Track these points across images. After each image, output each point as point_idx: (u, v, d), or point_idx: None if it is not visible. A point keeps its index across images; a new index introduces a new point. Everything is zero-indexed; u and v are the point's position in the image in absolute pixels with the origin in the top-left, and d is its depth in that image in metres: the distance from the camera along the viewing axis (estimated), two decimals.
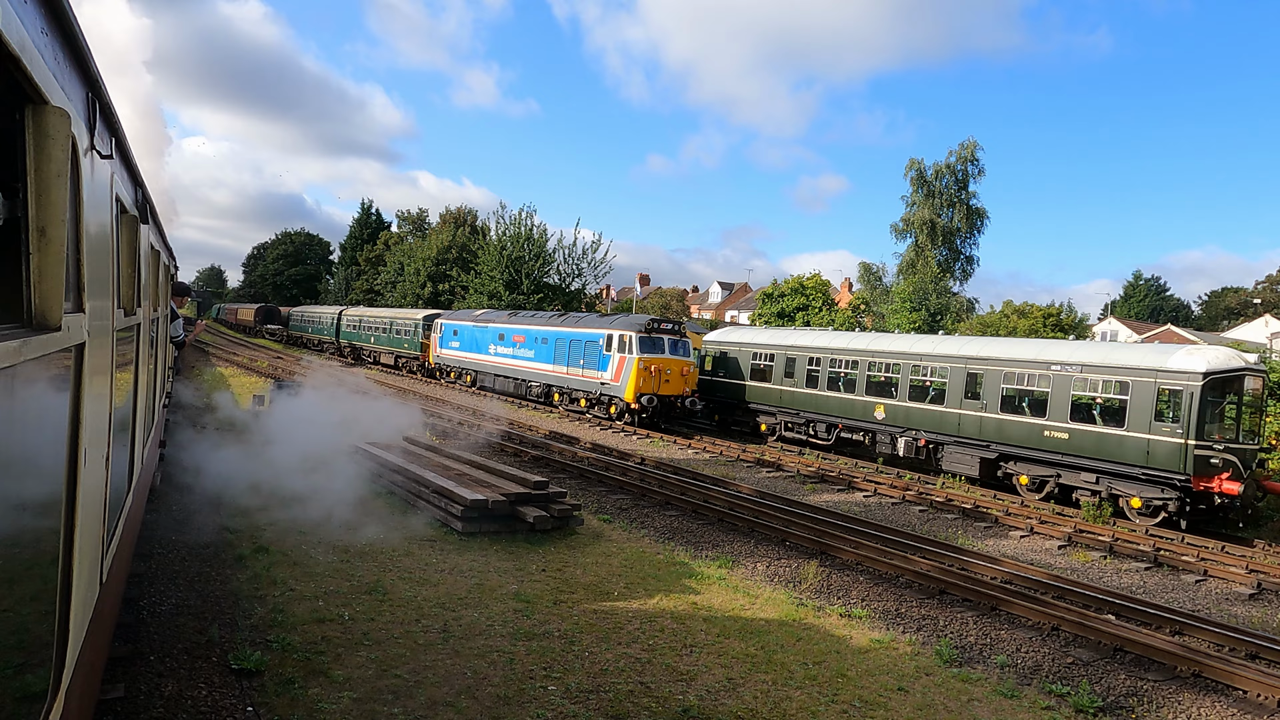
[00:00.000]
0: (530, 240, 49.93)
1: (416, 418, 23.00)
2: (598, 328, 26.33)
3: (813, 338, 23.18)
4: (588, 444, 21.01)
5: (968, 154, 37.64)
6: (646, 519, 13.43)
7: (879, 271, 38.46)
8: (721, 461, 20.47)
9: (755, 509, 13.93)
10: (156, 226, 7.47)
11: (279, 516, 11.14)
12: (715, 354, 26.58)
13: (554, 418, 27.30)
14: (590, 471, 16.59)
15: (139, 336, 5.59)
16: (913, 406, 19.62)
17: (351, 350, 50.12)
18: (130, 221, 4.54)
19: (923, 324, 31.34)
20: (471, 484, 12.12)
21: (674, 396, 24.83)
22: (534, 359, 29.59)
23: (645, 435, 23.96)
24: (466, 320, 35.14)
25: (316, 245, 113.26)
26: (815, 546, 11.96)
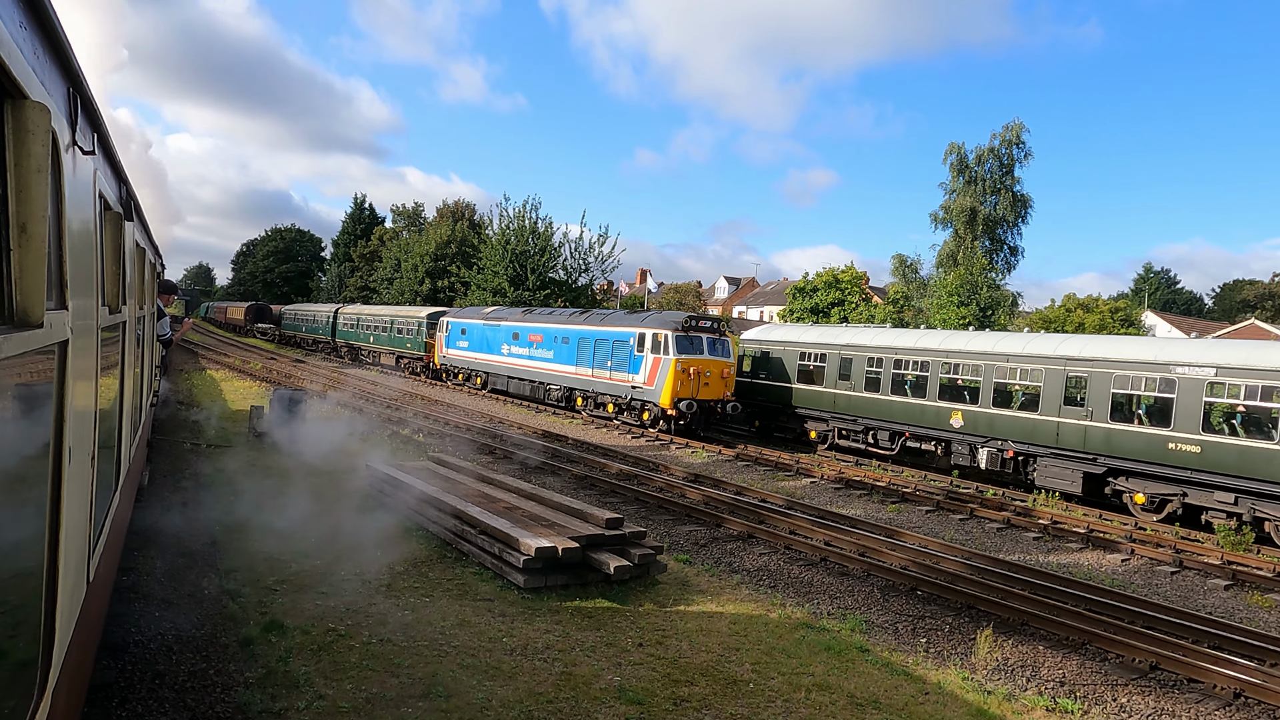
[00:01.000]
0: (535, 234, 47.58)
1: (430, 426, 20.67)
2: (628, 326, 24.02)
3: (872, 336, 20.95)
4: (628, 457, 18.71)
5: (1012, 137, 35.38)
6: (732, 558, 11.15)
7: (915, 264, 36.36)
8: (781, 476, 18.21)
9: (857, 544, 11.68)
10: (141, 223, 7.29)
11: (292, 570, 8.82)
12: (755, 354, 24.31)
13: (577, 424, 24.99)
14: (645, 494, 14.30)
15: (124, 334, 5.43)
16: (998, 413, 17.42)
17: (349, 350, 47.65)
18: (114, 218, 4.44)
19: (973, 320, 29.17)
20: (526, 521, 9.82)
21: (713, 401, 22.56)
22: (553, 360, 27.27)
23: (685, 445, 21.68)
24: (476, 318, 32.77)
25: (308, 241, 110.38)
26: (960, 601, 9.70)
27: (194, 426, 18.90)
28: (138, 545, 8.95)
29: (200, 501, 11.50)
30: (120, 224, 4.77)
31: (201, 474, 13.55)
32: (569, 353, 26.42)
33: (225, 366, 37.39)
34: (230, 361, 39.78)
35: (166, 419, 19.67)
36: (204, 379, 30.77)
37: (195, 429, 18.51)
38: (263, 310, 73.48)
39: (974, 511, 15.01)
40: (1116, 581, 11.46)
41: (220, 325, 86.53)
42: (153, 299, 10.69)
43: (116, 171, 4.65)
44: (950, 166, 36.18)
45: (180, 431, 18.18)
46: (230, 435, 17.91)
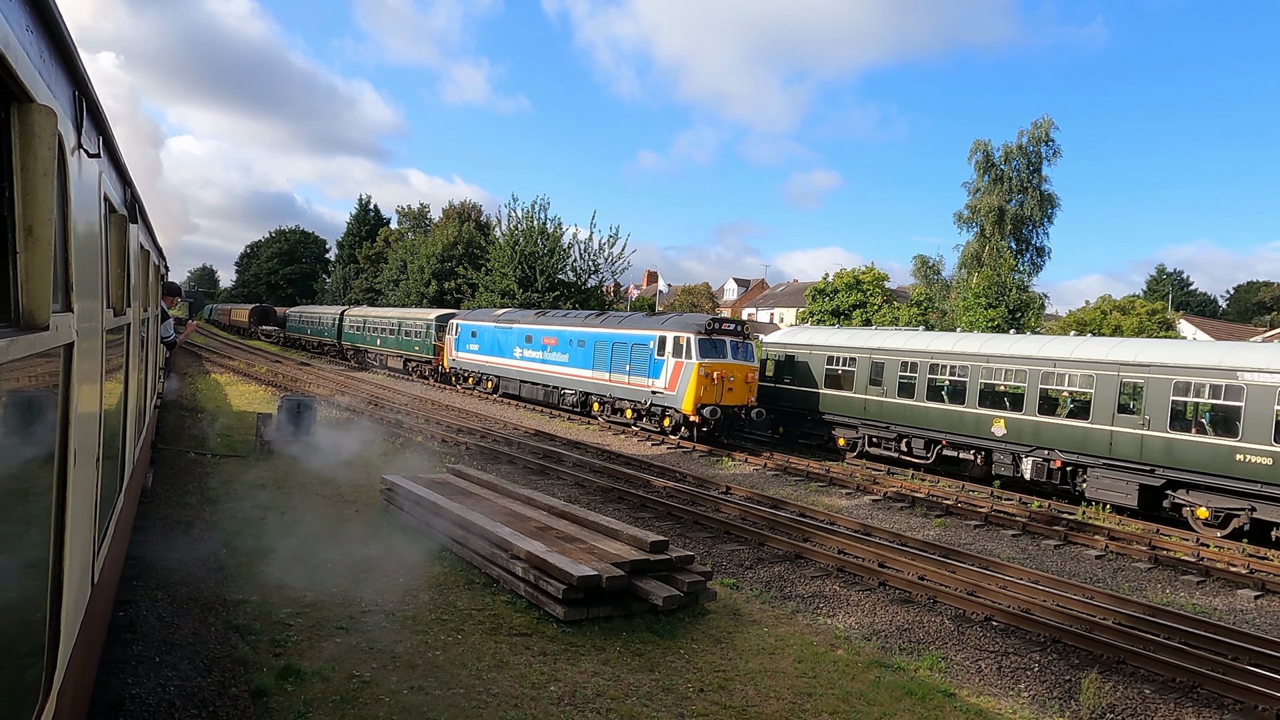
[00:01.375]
0: (544, 235, 46.79)
1: (442, 433, 19.81)
2: (647, 329, 23.16)
3: (906, 340, 20.06)
4: (653, 466, 17.83)
5: (1041, 134, 34.38)
6: (782, 582, 10.26)
7: (936, 265, 35.39)
8: (814, 487, 17.32)
9: (915, 567, 10.80)
10: (146, 226, 7.28)
11: (308, 601, 7.96)
12: (779, 358, 23.44)
13: (594, 430, 24.12)
14: (678, 509, 13.42)
15: (129, 336, 5.49)
16: (1044, 421, 16.52)
17: (355, 353, 46.84)
18: (119, 221, 4.48)
19: (1001, 322, 28.24)
20: (561, 544, 8.96)
21: (737, 407, 21.69)
22: (568, 364, 26.41)
23: (709, 453, 20.81)
24: (487, 320, 31.93)
25: (312, 243, 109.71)
26: (1044, 634, 8.80)
27: (198, 434, 18.07)
28: (137, 573, 8.10)
29: (205, 520, 10.65)
30: (125, 226, 4.77)
31: (206, 488, 12.71)
32: (585, 356, 25.56)
33: (230, 370, 36.60)
34: (235, 365, 39.00)
35: (170, 426, 18.86)
36: (208, 383, 29.98)
37: (200, 437, 17.68)
38: (267, 312, 72.72)
39: (1026, 527, 14.11)
40: (1200, 608, 10.56)
41: (224, 327, 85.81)
42: (157, 301, 10.60)
43: (121, 174, 4.67)
44: (976, 165, 35.20)
45: (184, 440, 17.35)
46: (236, 444, 17.07)
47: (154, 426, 11.72)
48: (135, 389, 6.43)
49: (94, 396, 3.28)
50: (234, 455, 15.67)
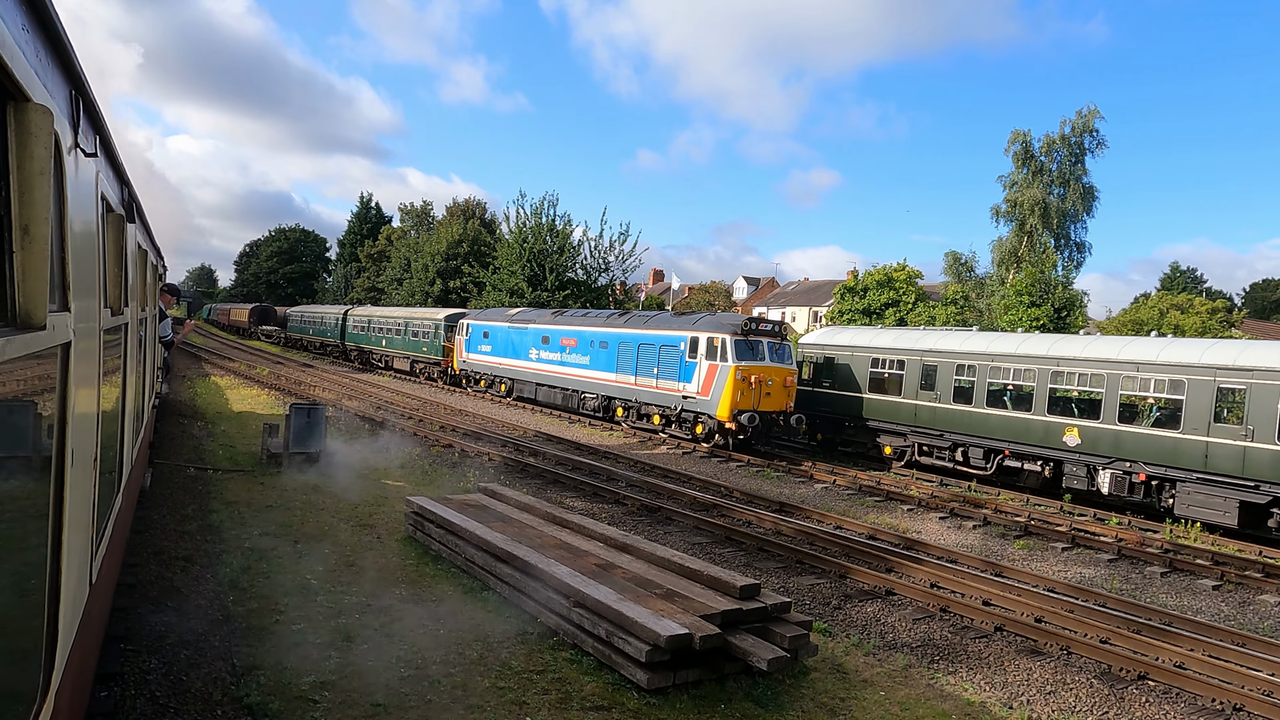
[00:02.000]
0: (554, 232, 45.35)
1: (460, 441, 18.33)
2: (677, 329, 21.71)
3: (962, 341, 18.61)
4: (693, 479, 16.39)
5: (1085, 124, 32.84)
6: (881, 626, 8.82)
7: (970, 261, 33.77)
8: (870, 501, 15.87)
9: (1031, 607, 9.37)
10: (144, 226, 7.28)
11: (332, 665, 6.51)
12: (817, 360, 22.00)
13: (618, 437, 22.68)
14: (736, 531, 11.98)
15: (127, 336, 5.44)
16: (1125, 431, 15.08)
17: (359, 354, 45.40)
18: (116, 220, 4.43)
19: (1047, 321, 26.79)
20: (632, 587, 7.53)
21: (775, 413, 20.25)
22: (589, 366, 24.96)
23: (747, 463, 19.37)
24: (500, 320, 30.48)
25: (312, 242, 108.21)
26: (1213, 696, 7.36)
27: (198, 445, 16.61)
28: (125, 631, 6.64)
29: (207, 554, 9.20)
30: (122, 226, 4.72)
31: (208, 511, 11.25)
32: (608, 358, 24.11)
33: (230, 372, 35.13)
34: (235, 366, 37.54)
35: (168, 435, 17.41)
36: (208, 386, 28.52)
37: (200, 449, 16.22)
38: (267, 312, 71.26)
39: (1121, 551, 12.67)
40: None
41: (223, 327, 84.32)
42: (155, 301, 10.31)
43: (118, 174, 4.64)
44: (1014, 156, 33.63)
45: (183, 451, 15.90)
46: (240, 457, 15.62)
47: (152, 426, 11.39)
48: (133, 389, 6.31)
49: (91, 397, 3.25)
50: (238, 470, 14.22)
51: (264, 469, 14.42)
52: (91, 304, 3.14)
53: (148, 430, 9.70)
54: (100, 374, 3.56)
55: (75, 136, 2.70)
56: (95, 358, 3.31)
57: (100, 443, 3.64)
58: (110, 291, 4.11)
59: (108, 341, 3.96)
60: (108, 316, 3.86)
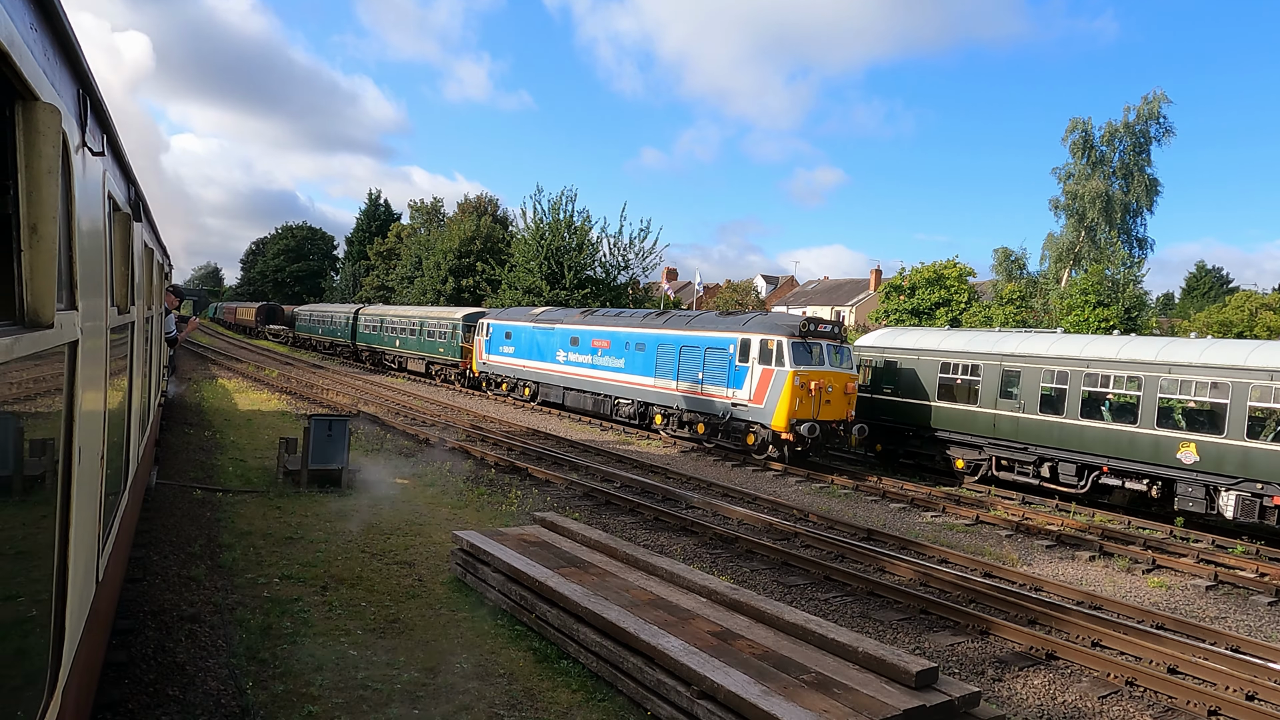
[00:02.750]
0: (573, 228, 43.65)
1: (491, 452, 16.56)
2: (725, 330, 19.95)
3: (1049, 344, 16.81)
4: (759, 499, 14.64)
5: (1151, 110, 30.82)
6: (1065, 710, 7.05)
7: (1021, 259, 31.83)
8: (959, 526, 14.11)
9: (1242, 682, 7.61)
10: (150, 224, 7.26)
11: None
12: (876, 364, 20.23)
13: (658, 447, 20.95)
14: (835, 570, 10.23)
15: (133, 335, 5.46)
16: (1256, 448, 13.30)
17: (370, 355, 43.73)
18: (123, 219, 4.50)
19: (1117, 323, 24.93)
20: (766, 668, 5.79)
21: (834, 422, 18.49)
22: (624, 370, 23.22)
23: (807, 478, 17.62)
24: (523, 320, 28.76)
25: (319, 240, 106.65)
26: None
27: (205, 458, 14.92)
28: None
29: (217, 609, 7.48)
30: (129, 225, 4.75)
31: (217, 546, 9.55)
32: (645, 361, 22.36)
33: (238, 374, 33.48)
34: (243, 368, 35.88)
35: (172, 446, 15.73)
36: (215, 389, 26.85)
37: (207, 463, 14.52)
38: (274, 311, 69.67)
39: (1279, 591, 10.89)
40: None
41: (230, 326, 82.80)
42: (161, 300, 10.12)
43: (125, 173, 4.68)
44: (1072, 146, 31.67)
45: (189, 464, 14.20)
46: (252, 473, 13.93)
47: (158, 425, 11.17)
48: (139, 387, 6.30)
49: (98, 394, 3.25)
50: (250, 491, 12.52)
51: (280, 489, 12.71)
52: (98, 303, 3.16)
53: (153, 428, 9.52)
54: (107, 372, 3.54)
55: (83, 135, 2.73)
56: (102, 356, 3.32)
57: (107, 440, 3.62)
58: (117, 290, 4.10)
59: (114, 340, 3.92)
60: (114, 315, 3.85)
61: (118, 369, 4.39)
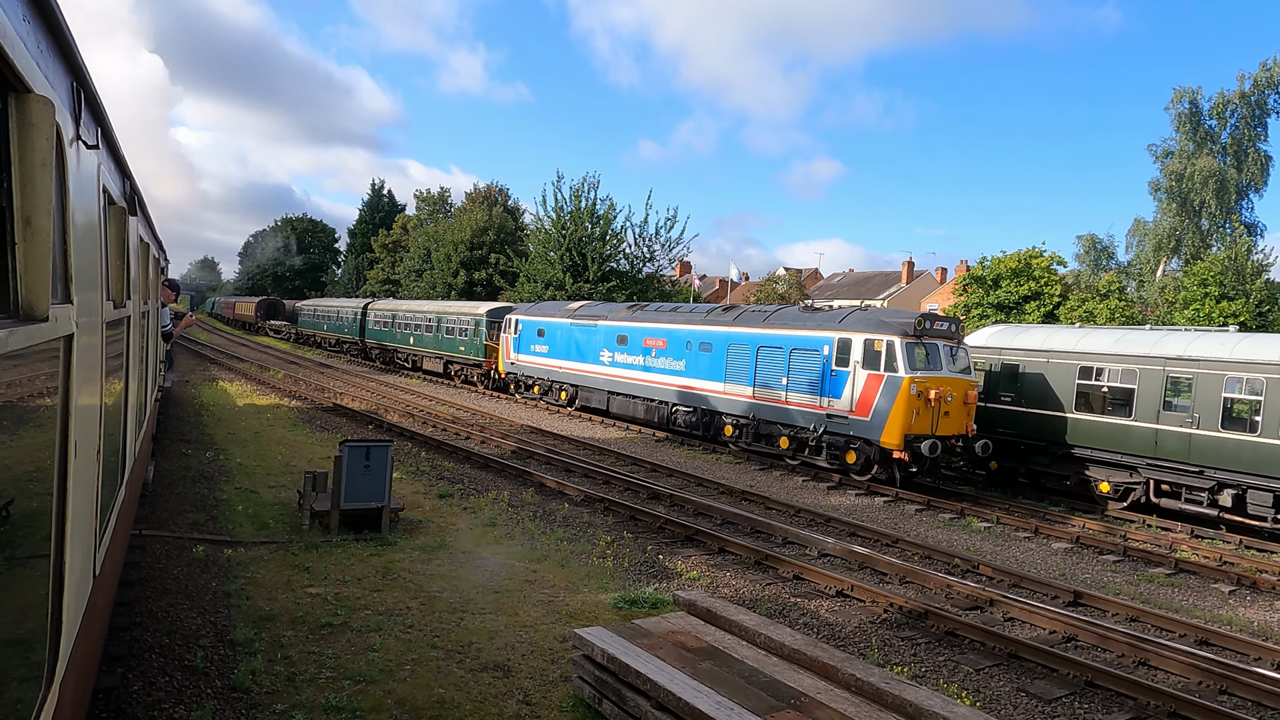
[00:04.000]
0: (596, 218, 40.67)
1: (550, 476, 13.59)
2: (816, 329, 17.02)
3: (1231, 345, 13.88)
4: (906, 542, 11.72)
5: (1270, 79, 27.44)
6: None
7: (1108, 247, 28.77)
8: (1160, 577, 11.20)
9: None
10: (145, 218, 7.24)
11: None
12: (991, 368, 17.33)
13: (726, 464, 18.06)
14: (1103, 672, 7.33)
15: (129, 329, 5.45)
16: None
17: (380, 353, 40.75)
18: (118, 213, 4.47)
19: (1248, 318, 22.03)
20: None
21: (953, 438, 15.60)
22: (685, 373, 20.30)
23: (928, 505, 14.74)
24: (559, 316, 25.81)
25: (320, 232, 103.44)
26: None
27: (207, 490, 11.98)
28: None
29: None
30: (124, 218, 4.72)
31: (228, 641, 6.64)
32: (712, 364, 19.44)
33: (240, 374, 30.52)
34: (245, 368, 32.90)
35: (166, 473, 12.81)
36: (216, 394, 23.90)
37: (209, 497, 11.58)
38: (275, 306, 66.63)
39: None
40: None
41: (228, 322, 79.74)
42: (157, 294, 10.05)
43: (120, 166, 4.66)
44: (1178, 119, 28.45)
45: (186, 503, 11.27)
46: (266, 509, 11.02)
47: (154, 420, 11.08)
48: (135, 382, 6.27)
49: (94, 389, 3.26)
50: (268, 542, 9.60)
51: (305, 537, 9.78)
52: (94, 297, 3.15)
53: (150, 423, 9.49)
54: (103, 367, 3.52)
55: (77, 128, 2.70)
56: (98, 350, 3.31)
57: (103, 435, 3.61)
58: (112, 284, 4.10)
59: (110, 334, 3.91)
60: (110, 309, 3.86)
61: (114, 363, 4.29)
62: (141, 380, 7.15)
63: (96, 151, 3.23)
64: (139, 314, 6.43)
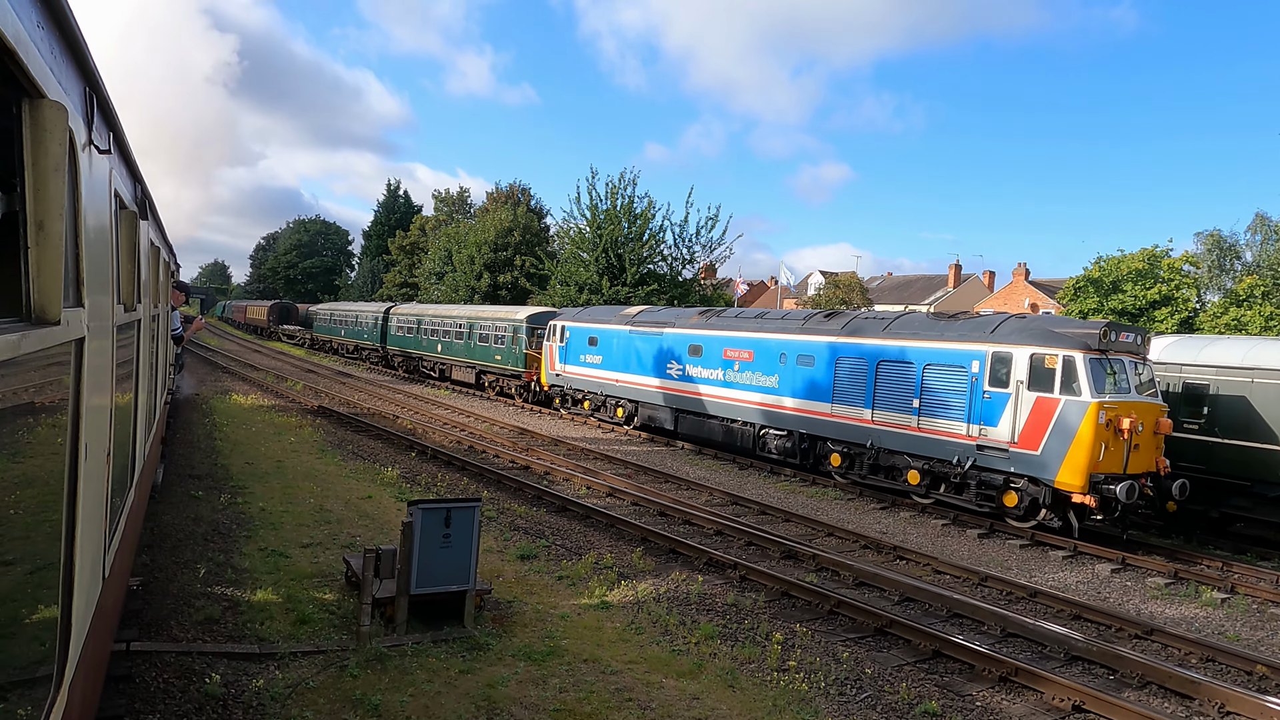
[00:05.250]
0: (634, 216, 37.72)
1: (653, 527, 10.58)
2: (960, 339, 14.01)
3: None
4: (1164, 634, 8.70)
5: None
6: None
7: (1234, 245, 25.50)
8: None
9: None
10: (156, 223, 7.36)
11: None
12: (1174, 389, 14.27)
13: (834, 500, 15.09)
14: None
15: (139, 333, 5.45)
16: None
17: (404, 360, 37.89)
18: (129, 217, 4.47)
19: None
20: None
21: (1142, 476, 12.56)
22: (778, 390, 17.31)
23: (1123, 564, 11.71)
24: (614, 322, 22.88)
25: (334, 234, 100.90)
26: None
27: (224, 556, 9.04)
28: None
29: None
30: (135, 223, 4.73)
31: None
32: (815, 380, 16.44)
33: (255, 385, 27.68)
34: (259, 377, 30.07)
35: (169, 530, 9.91)
36: (229, 410, 21.04)
37: (225, 565, 8.64)
38: (289, 310, 64.01)
39: None
40: None
41: (239, 326, 77.10)
42: (167, 298, 10.02)
43: (132, 171, 4.65)
44: None
45: (195, 577, 8.34)
46: (304, 585, 8.11)
47: (164, 423, 11.12)
48: (145, 385, 6.21)
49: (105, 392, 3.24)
50: (312, 651, 6.66)
51: (365, 644, 6.82)
52: (105, 300, 3.16)
53: (159, 426, 9.40)
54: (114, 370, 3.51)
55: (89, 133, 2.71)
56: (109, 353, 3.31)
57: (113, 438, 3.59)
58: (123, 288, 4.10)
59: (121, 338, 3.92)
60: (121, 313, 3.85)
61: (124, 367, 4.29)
62: (151, 383, 7.15)
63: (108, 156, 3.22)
64: (149, 317, 6.40)
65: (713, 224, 38.78)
